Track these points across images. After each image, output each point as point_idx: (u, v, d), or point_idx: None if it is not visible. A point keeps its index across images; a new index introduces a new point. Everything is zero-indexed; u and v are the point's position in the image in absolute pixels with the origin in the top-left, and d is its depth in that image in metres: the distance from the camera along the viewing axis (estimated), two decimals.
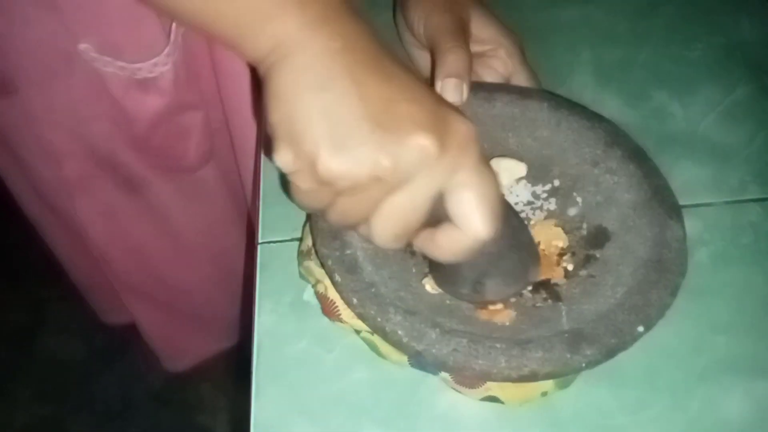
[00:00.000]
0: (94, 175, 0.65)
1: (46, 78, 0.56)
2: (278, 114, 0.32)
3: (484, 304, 0.41)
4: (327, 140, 0.31)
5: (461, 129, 0.33)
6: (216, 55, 0.58)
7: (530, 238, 0.41)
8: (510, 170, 0.46)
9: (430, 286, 0.42)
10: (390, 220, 0.33)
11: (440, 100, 0.34)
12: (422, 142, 0.31)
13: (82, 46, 0.52)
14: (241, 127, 0.64)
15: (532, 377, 0.36)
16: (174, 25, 0.53)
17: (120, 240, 0.74)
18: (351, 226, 0.36)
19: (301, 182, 0.33)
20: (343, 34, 0.32)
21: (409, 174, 0.32)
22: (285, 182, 0.35)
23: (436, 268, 0.41)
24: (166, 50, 0.54)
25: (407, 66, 0.34)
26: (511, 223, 0.38)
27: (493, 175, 0.34)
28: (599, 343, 0.36)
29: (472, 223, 0.33)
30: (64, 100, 0.58)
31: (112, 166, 0.64)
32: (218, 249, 0.81)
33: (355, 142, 0.31)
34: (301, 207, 0.35)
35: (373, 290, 0.38)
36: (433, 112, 0.32)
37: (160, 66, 0.54)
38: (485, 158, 0.34)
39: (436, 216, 0.34)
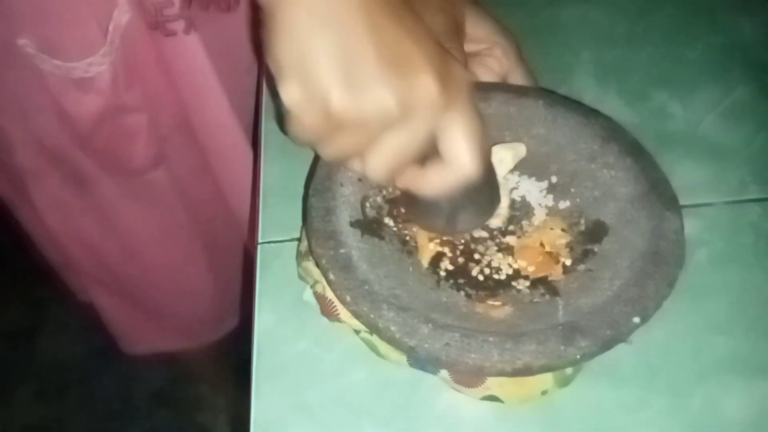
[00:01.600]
0: (44, 167, 0.65)
1: None
2: (287, 49, 0.32)
3: (450, 234, 0.43)
4: (339, 78, 0.31)
5: (461, 74, 0.35)
6: (164, 53, 0.57)
7: (495, 177, 0.44)
8: (513, 149, 0.46)
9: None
10: (386, 156, 0.35)
11: (442, 46, 0.35)
12: (427, 82, 0.32)
13: (21, 41, 0.52)
14: (206, 127, 0.64)
15: (527, 370, 0.36)
16: (112, 25, 0.53)
17: (72, 231, 0.74)
18: (344, 160, 0.37)
19: (307, 117, 0.33)
20: None
21: (411, 111, 0.33)
22: (282, 119, 0.35)
23: (412, 203, 0.42)
24: (102, 51, 0.53)
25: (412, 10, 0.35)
26: (486, 163, 0.39)
27: (482, 120, 0.36)
28: (594, 335, 0.36)
29: (461, 159, 0.35)
30: (9, 91, 0.58)
31: (59, 160, 0.64)
32: (169, 252, 0.80)
33: (367, 81, 0.32)
34: (296, 140, 0.36)
35: (366, 288, 0.38)
36: (438, 55, 0.34)
37: (96, 66, 0.54)
38: (475, 101, 0.36)
39: (423, 153, 0.36)
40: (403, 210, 0.44)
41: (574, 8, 0.64)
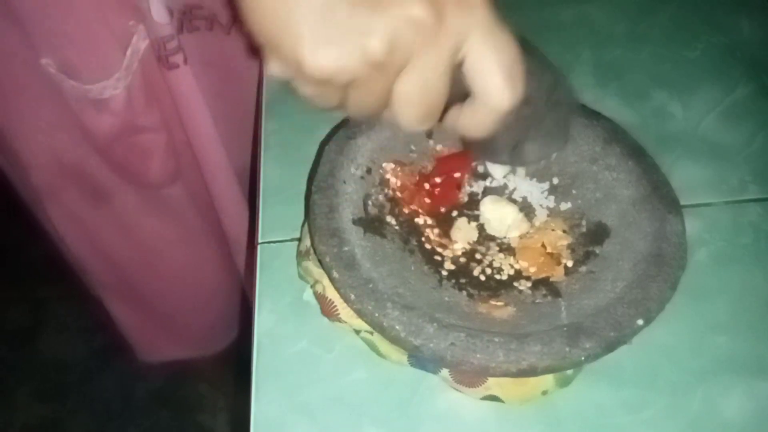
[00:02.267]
0: (60, 184, 0.66)
1: (8, 89, 0.57)
2: (255, 20, 0.29)
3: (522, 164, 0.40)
4: (305, 38, 0.28)
5: None
6: (169, 84, 0.58)
7: (569, 90, 0.38)
8: None
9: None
10: (410, 103, 0.30)
11: None
12: (411, 12, 0.27)
13: (44, 61, 0.53)
14: (204, 147, 0.65)
15: (531, 371, 0.36)
16: (130, 51, 0.54)
17: (89, 245, 0.75)
18: (375, 115, 0.32)
19: (301, 87, 0.30)
20: None
21: (409, 50, 0.28)
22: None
23: (469, 141, 0.37)
24: (116, 75, 0.54)
25: None
26: (544, 79, 0.35)
27: (507, 33, 0.30)
28: (598, 336, 0.36)
29: (490, 93, 0.30)
30: (28, 110, 0.59)
31: (77, 175, 0.65)
32: (187, 263, 0.81)
33: (335, 32, 0.27)
34: (318, 109, 0.33)
35: (370, 286, 0.38)
36: None
37: (110, 90, 0.55)
38: (493, 14, 0.30)
39: (462, 88, 0.31)
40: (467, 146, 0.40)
41: (575, 8, 0.64)
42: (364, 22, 0.27)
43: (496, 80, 0.30)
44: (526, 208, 0.47)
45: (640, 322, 0.37)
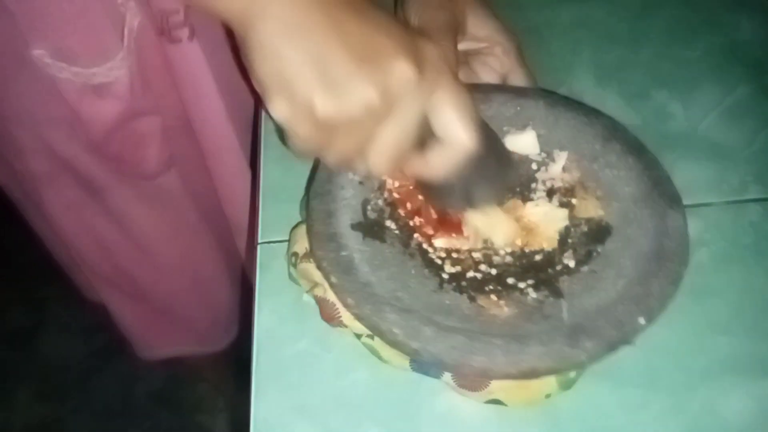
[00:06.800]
0: (57, 173, 0.65)
1: (3, 79, 0.56)
2: (265, 67, 0.33)
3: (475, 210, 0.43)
4: (318, 84, 0.32)
5: (433, 52, 0.35)
6: (170, 58, 0.58)
7: (502, 145, 0.44)
8: (527, 134, 0.47)
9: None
10: (385, 148, 0.35)
11: (411, 32, 0.36)
12: (402, 67, 0.33)
13: (36, 52, 0.52)
14: (206, 130, 0.65)
15: (532, 373, 0.36)
16: (126, 29, 0.53)
17: (86, 236, 0.74)
18: (349, 163, 0.37)
19: (300, 129, 0.34)
20: None
21: (396, 100, 0.33)
22: (282, 134, 0.37)
23: (428, 189, 0.43)
24: (120, 54, 0.54)
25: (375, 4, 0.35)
26: (485, 132, 0.40)
27: (466, 89, 0.37)
28: (599, 336, 0.36)
29: (457, 135, 0.36)
30: (22, 102, 0.58)
31: (72, 167, 0.64)
32: (184, 254, 0.80)
33: (344, 81, 0.32)
34: (300, 155, 0.37)
35: (368, 290, 0.38)
36: (407, 41, 0.34)
37: (116, 70, 0.55)
38: (456, 74, 0.37)
39: (422, 139, 0.36)
40: (421, 197, 0.44)
41: (575, 8, 0.64)
42: (367, 74, 0.32)
43: (462, 126, 0.36)
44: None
45: (642, 320, 0.37)
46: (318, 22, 0.32)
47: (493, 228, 0.44)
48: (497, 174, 0.42)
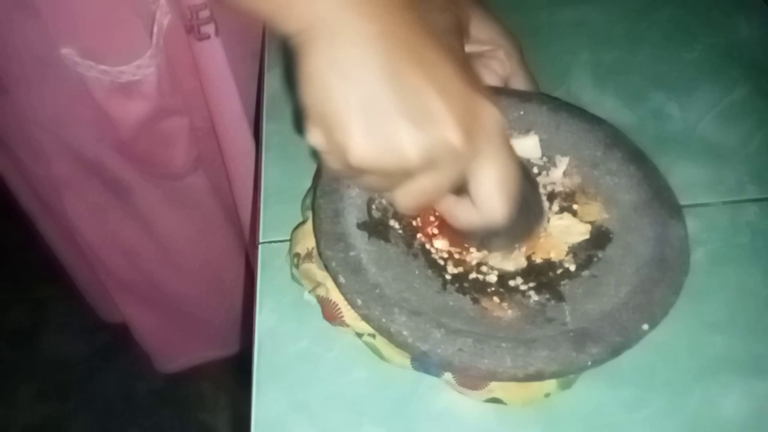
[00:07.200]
0: (81, 177, 0.65)
1: (30, 81, 0.56)
2: (312, 96, 0.32)
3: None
4: (358, 131, 0.31)
5: (490, 119, 0.33)
6: (197, 58, 0.57)
7: (538, 199, 0.43)
8: (530, 139, 0.47)
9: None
10: (413, 197, 0.35)
11: (474, 87, 0.33)
12: (450, 137, 0.31)
13: (64, 51, 0.52)
14: (227, 131, 0.64)
15: (538, 376, 0.36)
16: (156, 27, 0.53)
17: (109, 240, 0.74)
18: (376, 193, 0.37)
19: (332, 163, 0.34)
20: (383, 18, 0.31)
21: (435, 162, 0.32)
22: (297, 116, 0.36)
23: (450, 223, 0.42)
24: (149, 52, 0.54)
25: (450, 47, 0.34)
26: (522, 189, 0.38)
27: (515, 158, 0.35)
28: (604, 341, 0.37)
29: (489, 206, 0.35)
30: (48, 104, 0.58)
31: (98, 170, 0.64)
32: (209, 256, 0.80)
33: (386, 133, 0.31)
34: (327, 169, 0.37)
35: (377, 291, 0.38)
36: (464, 102, 0.32)
37: (144, 68, 0.54)
38: (508, 142, 0.35)
39: (458, 186, 0.35)
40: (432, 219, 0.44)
41: (573, 9, 0.64)
42: (410, 134, 0.31)
43: (497, 201, 0.35)
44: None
45: (646, 327, 0.37)
46: (377, 67, 0.31)
47: (503, 262, 0.44)
48: (523, 232, 0.43)
